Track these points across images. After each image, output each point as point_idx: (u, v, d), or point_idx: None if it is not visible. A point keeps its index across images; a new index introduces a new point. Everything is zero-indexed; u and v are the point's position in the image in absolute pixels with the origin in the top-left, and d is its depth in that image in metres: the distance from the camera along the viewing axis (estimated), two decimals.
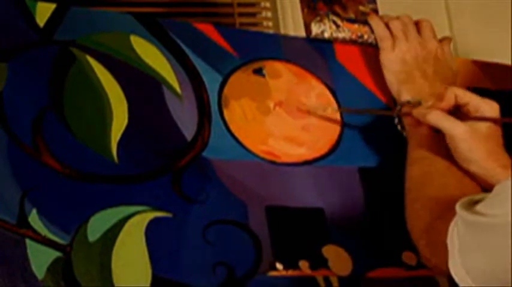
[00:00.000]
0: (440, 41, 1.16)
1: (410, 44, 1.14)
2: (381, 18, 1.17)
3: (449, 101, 1.04)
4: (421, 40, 1.14)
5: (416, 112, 1.06)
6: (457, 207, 0.85)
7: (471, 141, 1.01)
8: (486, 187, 1.00)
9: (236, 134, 1.06)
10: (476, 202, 0.84)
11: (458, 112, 1.04)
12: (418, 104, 1.09)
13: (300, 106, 1.10)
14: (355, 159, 1.09)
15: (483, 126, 1.01)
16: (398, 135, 1.11)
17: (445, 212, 0.92)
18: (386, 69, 1.13)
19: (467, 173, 1.02)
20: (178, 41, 1.08)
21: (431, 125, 1.03)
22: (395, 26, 1.14)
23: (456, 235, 0.85)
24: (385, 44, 1.14)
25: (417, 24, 1.15)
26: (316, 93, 1.13)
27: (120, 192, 0.97)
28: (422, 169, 1.03)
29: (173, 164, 1.01)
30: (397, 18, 1.15)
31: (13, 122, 0.96)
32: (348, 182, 1.08)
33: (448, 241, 0.86)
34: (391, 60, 1.13)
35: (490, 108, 1.02)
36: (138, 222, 0.96)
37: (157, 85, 1.05)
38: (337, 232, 1.03)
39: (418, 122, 1.06)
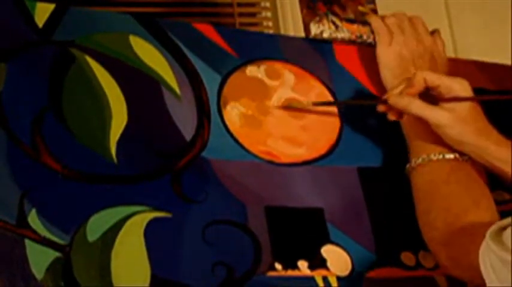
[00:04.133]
0: (431, 33, 1.17)
1: (406, 39, 1.14)
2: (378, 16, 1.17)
3: (419, 85, 1.04)
4: (417, 36, 1.14)
5: (395, 101, 1.04)
6: (488, 238, 0.86)
7: (458, 125, 1.02)
8: (484, 165, 1.03)
9: (235, 135, 1.06)
10: (505, 228, 0.86)
11: (429, 95, 1.04)
12: None
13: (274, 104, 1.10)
14: (355, 159, 1.09)
15: (463, 107, 1.02)
16: (397, 135, 1.11)
17: (459, 223, 0.96)
18: (382, 64, 1.13)
19: (468, 173, 1.02)
20: (178, 42, 1.08)
21: (414, 115, 1.04)
22: (391, 22, 1.15)
23: (490, 268, 0.86)
24: (382, 39, 1.14)
25: (410, 21, 1.15)
26: (315, 94, 1.13)
27: (119, 192, 0.97)
28: (424, 178, 1.04)
29: (172, 165, 1.01)
30: (393, 14, 1.15)
31: (12, 122, 0.96)
32: (348, 182, 1.08)
33: (482, 268, 0.87)
34: (388, 55, 1.13)
35: (462, 87, 1.03)
36: (138, 222, 0.96)
37: (156, 85, 1.05)
38: (336, 232, 1.03)
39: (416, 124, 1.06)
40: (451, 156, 1.04)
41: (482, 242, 0.87)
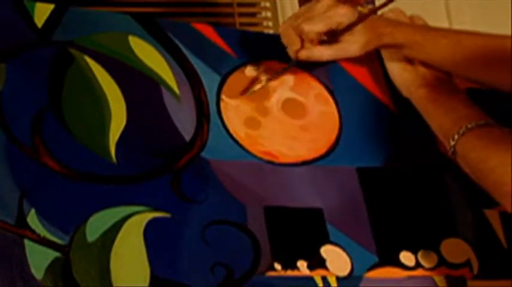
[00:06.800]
0: None
1: None
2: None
3: (315, 39, 1.08)
4: None
5: (305, 55, 1.08)
6: None
7: (366, 47, 1.09)
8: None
9: (234, 135, 1.06)
10: None
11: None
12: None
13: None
14: (354, 159, 1.09)
15: (358, 30, 1.08)
16: (398, 135, 1.11)
17: None
18: (387, 60, 1.13)
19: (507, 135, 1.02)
20: (177, 42, 1.09)
21: (325, 60, 1.09)
22: (389, 17, 1.14)
23: None
24: None
25: (409, 19, 1.15)
26: (314, 94, 1.13)
27: (118, 192, 0.97)
28: (473, 143, 1.01)
29: (172, 165, 1.01)
30: (390, 10, 1.15)
31: (12, 122, 0.96)
32: (347, 182, 1.08)
33: None
34: (391, 51, 1.13)
35: (345, 15, 1.07)
36: (137, 222, 0.96)
37: (155, 86, 1.05)
38: (335, 232, 1.03)
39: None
40: (491, 122, 1.02)
41: None
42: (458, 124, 1.02)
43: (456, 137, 1.01)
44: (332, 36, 1.09)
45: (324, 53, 1.09)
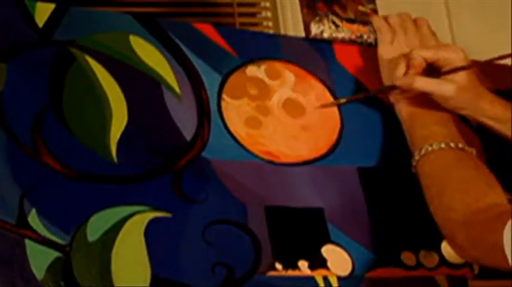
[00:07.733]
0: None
1: (409, 38, 1.14)
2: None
3: (420, 65, 1.07)
4: (420, 36, 1.14)
5: (401, 82, 1.08)
6: None
7: (461, 95, 1.06)
8: (481, 123, 1.09)
9: (235, 134, 1.06)
10: None
11: (430, 69, 1.08)
12: None
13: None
14: (355, 159, 1.09)
15: (462, 76, 1.07)
16: (397, 135, 1.11)
17: (480, 204, 0.96)
18: (383, 62, 1.13)
19: (475, 161, 1.04)
20: (178, 41, 1.09)
21: (420, 91, 1.07)
22: (394, 21, 1.15)
23: None
24: (384, 37, 1.14)
25: (414, 22, 1.15)
26: (315, 93, 1.13)
27: (119, 192, 0.97)
28: (431, 165, 1.04)
29: (173, 164, 1.01)
30: (397, 14, 1.15)
31: (12, 122, 0.96)
32: (348, 182, 1.08)
33: (506, 245, 0.89)
34: (389, 54, 1.13)
35: (458, 55, 1.08)
36: (138, 222, 0.96)
37: (156, 85, 1.05)
38: (336, 232, 1.03)
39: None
40: (453, 145, 1.04)
41: (507, 219, 0.88)
42: (419, 145, 1.05)
43: (417, 157, 1.05)
44: (434, 70, 1.08)
45: (428, 84, 1.06)
